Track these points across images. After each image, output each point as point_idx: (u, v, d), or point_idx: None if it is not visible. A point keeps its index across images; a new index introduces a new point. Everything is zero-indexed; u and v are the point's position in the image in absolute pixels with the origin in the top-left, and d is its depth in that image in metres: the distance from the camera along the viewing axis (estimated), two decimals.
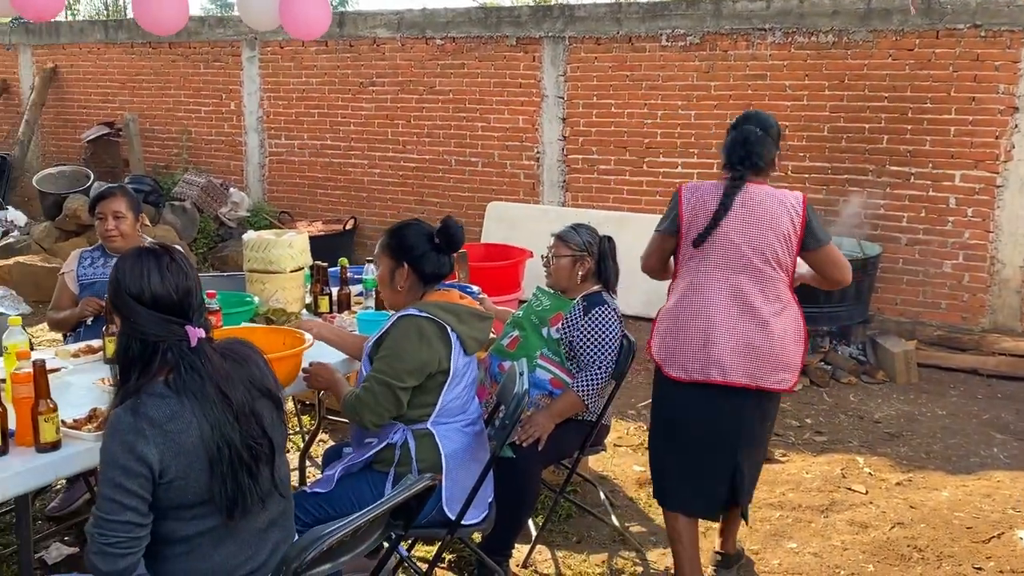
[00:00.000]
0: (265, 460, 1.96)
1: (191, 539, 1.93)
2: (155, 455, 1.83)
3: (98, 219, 3.72)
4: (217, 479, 1.88)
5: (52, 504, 3.70)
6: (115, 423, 1.86)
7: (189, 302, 1.98)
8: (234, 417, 1.91)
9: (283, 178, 9.13)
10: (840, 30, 6.47)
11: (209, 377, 1.91)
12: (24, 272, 7.33)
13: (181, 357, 1.91)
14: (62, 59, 10.31)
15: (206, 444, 1.87)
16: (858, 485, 4.10)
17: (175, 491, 1.87)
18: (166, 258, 1.99)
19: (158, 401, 1.87)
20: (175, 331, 1.93)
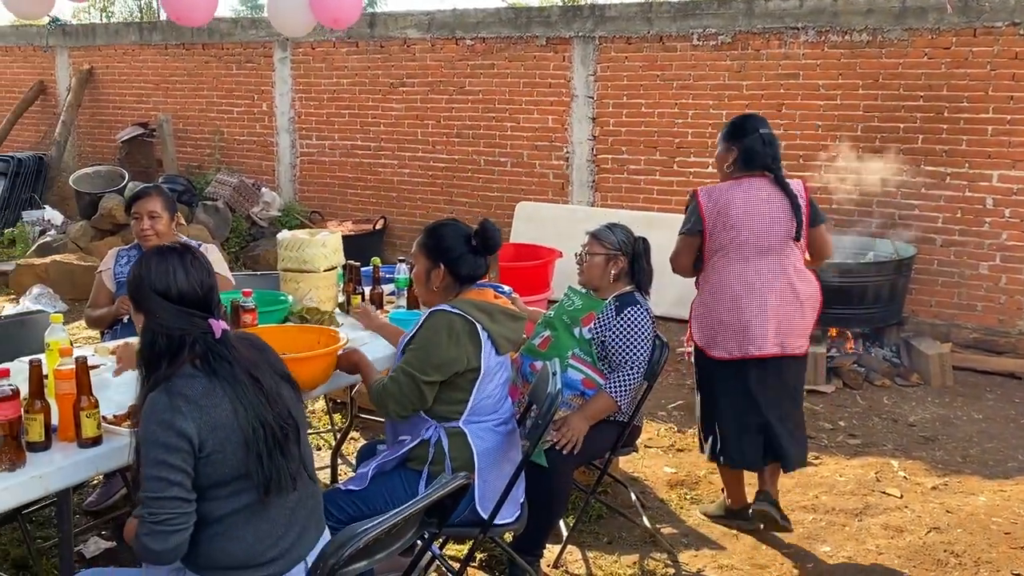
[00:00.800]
0: (293, 440, 2.05)
1: (225, 519, 1.99)
2: (193, 428, 1.91)
3: (134, 219, 3.77)
4: (254, 458, 1.95)
5: (90, 499, 3.75)
6: (151, 405, 1.93)
7: (212, 297, 2.08)
8: (266, 398, 2.00)
9: (314, 178, 9.21)
10: (875, 29, 6.40)
11: (238, 363, 2.01)
12: (61, 270, 7.45)
13: (209, 348, 2.00)
14: (98, 60, 10.47)
15: (241, 424, 1.95)
16: (892, 489, 4.06)
17: (213, 466, 1.93)
18: (189, 256, 2.08)
19: (189, 380, 1.96)
20: (199, 324, 2.02)
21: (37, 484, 2.16)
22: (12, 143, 10.96)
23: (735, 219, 3.33)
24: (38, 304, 6.74)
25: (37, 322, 3.67)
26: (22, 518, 3.16)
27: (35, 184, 10.06)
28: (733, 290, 3.37)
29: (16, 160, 9.96)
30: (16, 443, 2.16)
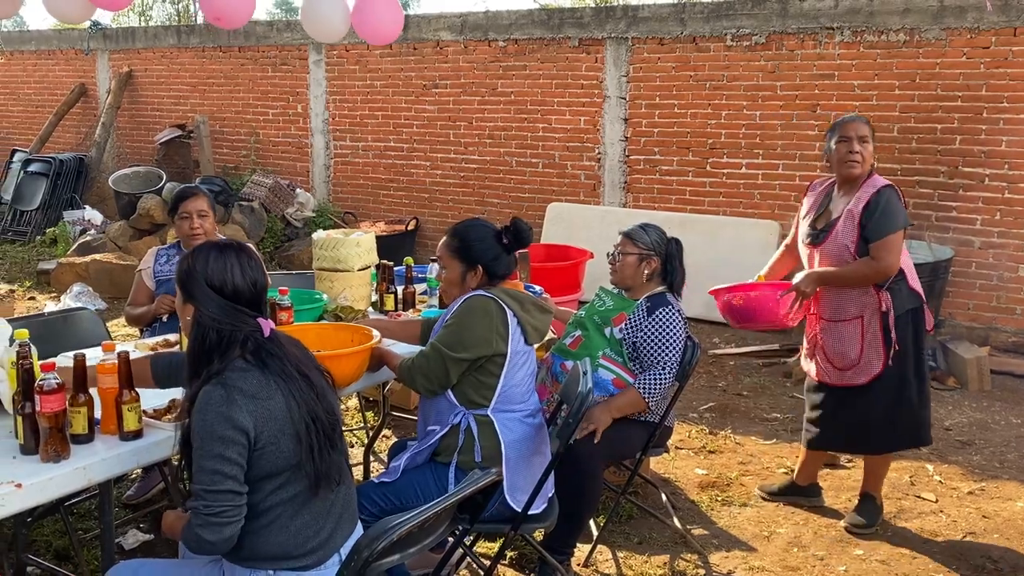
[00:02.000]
0: (339, 435, 2.11)
1: (271, 511, 2.03)
2: (250, 421, 1.95)
3: (181, 218, 3.83)
4: (306, 452, 2.00)
5: (129, 492, 3.83)
6: (206, 398, 1.96)
7: (263, 297, 2.12)
8: (316, 394, 2.04)
9: (347, 179, 9.30)
10: (912, 28, 6.33)
11: (288, 359, 2.05)
12: (100, 269, 7.60)
13: (259, 345, 2.04)
14: (137, 63, 10.66)
15: (293, 418, 1.99)
16: (927, 493, 4.01)
17: (266, 458, 1.98)
18: (245, 255, 2.12)
19: (244, 374, 2.00)
20: (249, 322, 2.06)
21: (81, 475, 2.22)
22: (54, 144, 11.20)
23: None
24: (78, 302, 6.87)
25: (80, 319, 3.76)
26: (64, 510, 3.23)
27: (76, 184, 10.27)
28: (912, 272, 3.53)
29: (58, 161, 10.17)
30: (61, 435, 2.22)
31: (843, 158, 3.44)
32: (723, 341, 6.49)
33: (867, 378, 3.47)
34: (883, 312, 3.42)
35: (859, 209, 3.38)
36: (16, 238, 9.88)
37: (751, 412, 5.10)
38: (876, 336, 3.44)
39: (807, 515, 3.81)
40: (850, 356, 3.49)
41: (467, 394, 2.80)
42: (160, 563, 2.37)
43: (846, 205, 3.45)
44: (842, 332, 3.50)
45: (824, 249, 3.49)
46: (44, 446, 2.21)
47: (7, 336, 2.59)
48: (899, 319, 3.43)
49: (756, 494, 3.98)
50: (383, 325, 3.31)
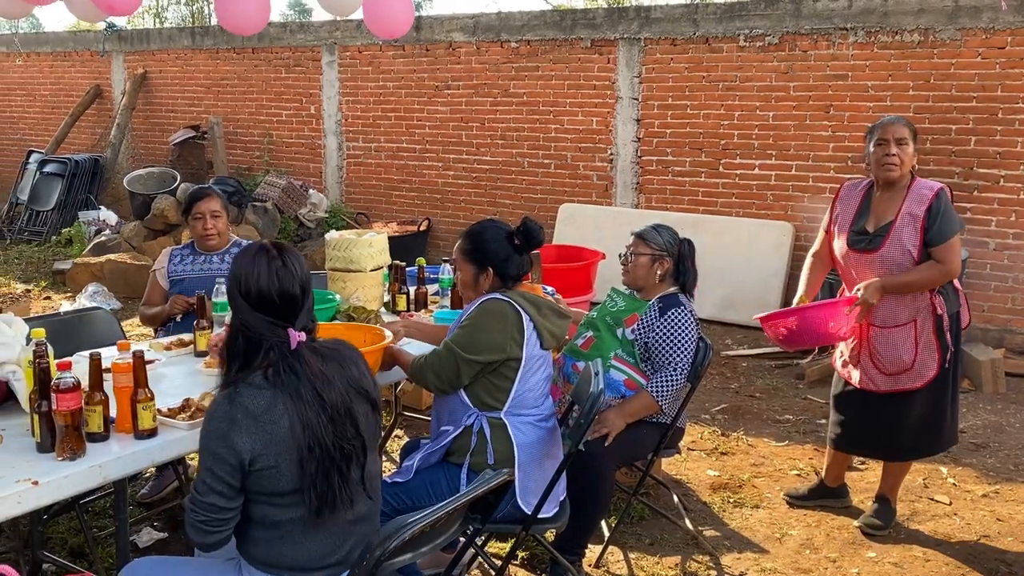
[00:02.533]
0: (356, 461, 2.01)
1: (282, 524, 2.00)
2: (247, 444, 1.91)
3: (195, 219, 3.86)
4: (307, 477, 1.94)
5: (143, 491, 3.86)
6: (213, 410, 1.96)
7: (292, 306, 2.02)
8: (328, 418, 1.95)
9: (360, 180, 9.33)
10: (926, 29, 6.30)
11: (306, 378, 1.96)
12: (115, 269, 7.65)
13: (281, 357, 1.97)
14: (151, 65, 10.73)
15: (297, 441, 1.93)
16: (941, 496, 3.99)
17: (267, 479, 1.95)
18: (277, 261, 2.03)
19: (255, 392, 1.95)
20: (276, 332, 1.99)
21: (96, 473, 2.24)
22: (69, 145, 11.28)
23: None
24: (93, 301, 6.92)
25: (94, 318, 3.79)
26: (79, 508, 3.26)
27: (91, 185, 10.35)
28: None
29: (73, 162, 10.25)
30: (77, 433, 2.24)
31: (880, 161, 3.37)
32: (735, 342, 6.47)
33: (922, 382, 3.42)
34: (937, 315, 3.38)
35: (922, 212, 3.31)
36: (32, 238, 9.96)
37: (763, 414, 5.09)
38: (930, 340, 3.39)
39: (819, 517, 3.79)
40: (904, 361, 3.41)
41: (480, 396, 2.80)
42: (175, 561, 2.39)
43: (901, 208, 3.36)
44: (895, 337, 3.42)
45: (882, 255, 3.38)
46: (60, 444, 2.23)
47: (24, 335, 2.62)
48: (951, 320, 3.42)
49: (783, 499, 3.93)
50: (420, 327, 3.33)
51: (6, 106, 12.34)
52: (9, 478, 2.12)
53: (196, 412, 2.55)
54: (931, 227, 3.30)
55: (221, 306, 3.41)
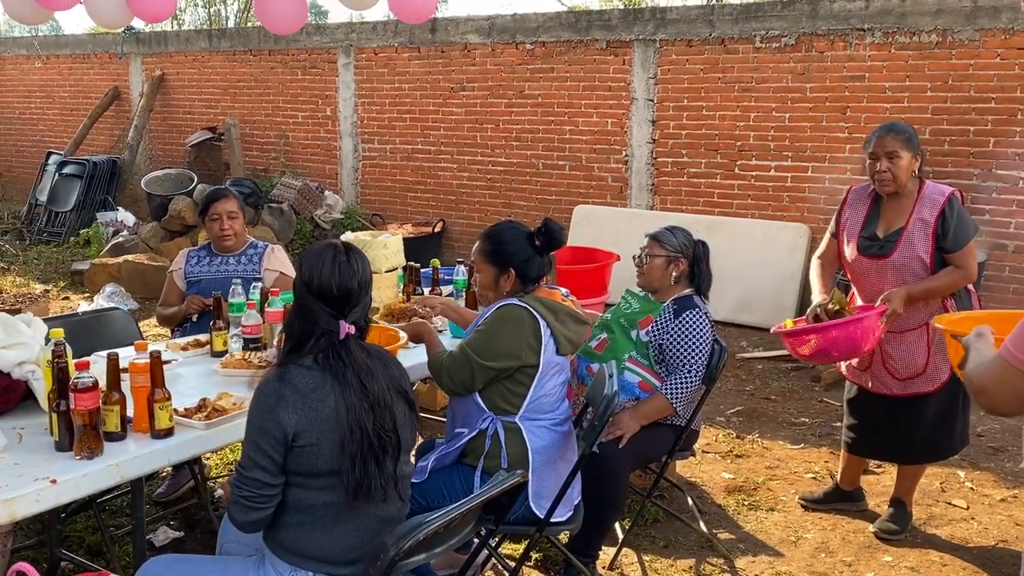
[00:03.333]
0: (391, 453, 2.11)
1: (315, 509, 2.07)
2: (292, 419, 2.01)
3: (211, 220, 3.88)
4: (347, 459, 2.03)
5: (159, 490, 3.88)
6: (262, 387, 2.06)
7: (348, 300, 2.15)
8: (369, 405, 2.07)
9: (375, 181, 9.36)
10: (944, 29, 6.26)
11: (352, 366, 2.09)
12: (132, 270, 7.71)
13: (330, 344, 2.10)
14: (169, 67, 10.80)
15: (340, 422, 2.03)
16: (958, 500, 3.96)
17: (307, 456, 2.02)
18: (342, 256, 2.18)
19: (304, 372, 2.07)
20: (328, 321, 2.12)
21: (113, 472, 2.26)
22: (88, 147, 11.38)
23: None
24: (111, 302, 6.98)
25: (112, 319, 3.83)
26: (97, 506, 3.29)
27: (109, 186, 10.43)
28: None
29: (91, 163, 10.34)
30: (95, 432, 2.26)
31: (873, 176, 3.36)
32: (751, 345, 6.44)
33: (935, 386, 3.39)
34: None
35: (933, 217, 3.28)
36: (51, 239, 10.05)
37: (779, 416, 5.06)
38: (943, 342, 3.32)
39: (835, 520, 3.77)
40: (917, 364, 3.39)
41: (495, 401, 2.80)
42: (194, 558, 2.41)
43: (912, 214, 3.33)
44: (908, 341, 3.39)
45: (893, 261, 3.34)
46: (78, 443, 2.26)
47: (43, 335, 2.64)
48: None
49: (798, 503, 3.90)
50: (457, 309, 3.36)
51: (26, 108, 12.47)
52: (28, 476, 2.15)
53: (212, 412, 2.56)
54: (946, 233, 3.27)
55: (237, 306, 3.43)
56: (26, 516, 2.15)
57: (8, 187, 11.84)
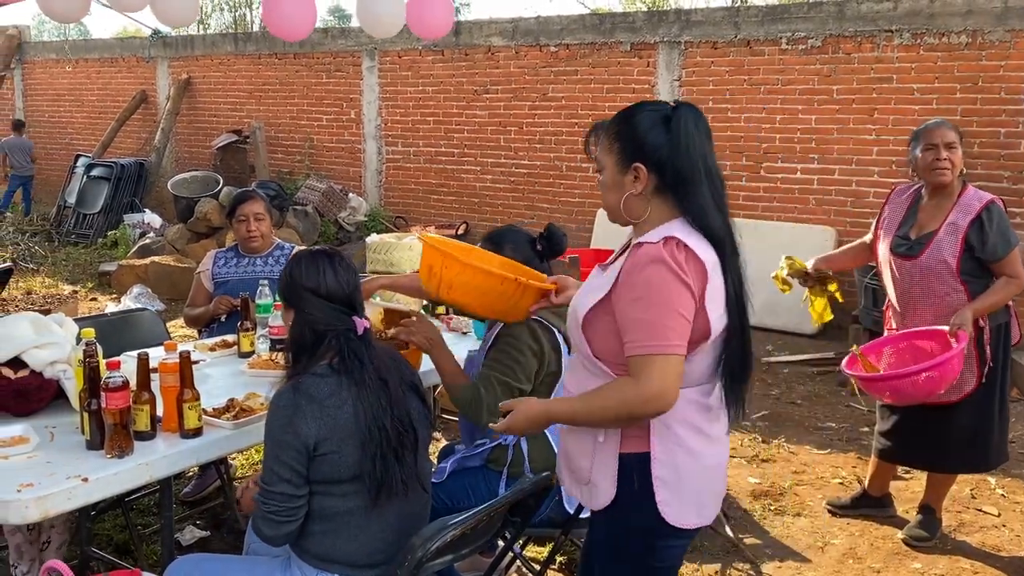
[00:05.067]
0: (410, 447, 2.12)
1: (340, 516, 2.07)
2: (312, 429, 2.01)
3: (239, 221, 3.91)
4: (368, 458, 2.03)
5: (186, 489, 3.91)
6: (277, 400, 2.05)
7: (356, 296, 2.21)
8: (388, 402, 2.08)
9: (399, 184, 9.39)
10: (974, 30, 6.18)
11: (370, 362, 2.10)
12: (159, 271, 7.78)
13: (347, 343, 2.11)
14: (195, 70, 10.91)
15: (359, 425, 2.03)
16: (989, 507, 3.90)
17: (329, 464, 2.02)
18: (338, 258, 2.23)
19: (319, 380, 2.06)
20: (344, 320, 2.14)
21: (143, 471, 2.28)
22: (115, 150, 11.51)
23: None
24: (138, 303, 7.05)
25: (140, 319, 3.86)
26: (125, 505, 3.32)
27: (136, 188, 10.54)
28: None
29: (119, 166, 10.45)
30: (125, 432, 2.28)
31: (931, 166, 3.29)
32: (776, 349, 6.39)
33: (959, 396, 3.31)
34: (979, 327, 3.28)
35: (966, 223, 3.23)
36: (79, 240, 10.17)
37: (805, 421, 5.02)
38: (971, 353, 3.26)
39: (863, 526, 3.73)
40: None
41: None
42: (222, 558, 2.42)
43: (946, 217, 3.29)
44: None
45: (920, 262, 3.31)
46: (109, 442, 2.28)
47: (74, 335, 2.67)
48: (992, 333, 3.32)
49: (825, 508, 3.87)
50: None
51: (55, 111, 12.64)
52: (60, 475, 2.17)
53: (240, 412, 2.58)
54: (984, 243, 3.22)
55: (264, 307, 3.45)
56: (59, 513, 2.18)
57: (38, 189, 12.00)
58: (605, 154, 1.96)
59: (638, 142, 1.87)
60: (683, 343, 1.81)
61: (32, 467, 2.22)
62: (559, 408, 1.95)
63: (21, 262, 9.01)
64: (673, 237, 1.82)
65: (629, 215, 1.92)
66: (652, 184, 1.88)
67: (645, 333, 1.79)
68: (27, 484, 2.10)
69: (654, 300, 1.78)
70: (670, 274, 1.78)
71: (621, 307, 1.83)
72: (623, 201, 1.92)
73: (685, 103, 1.90)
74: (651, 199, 1.90)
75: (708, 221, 1.86)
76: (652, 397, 1.79)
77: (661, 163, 1.85)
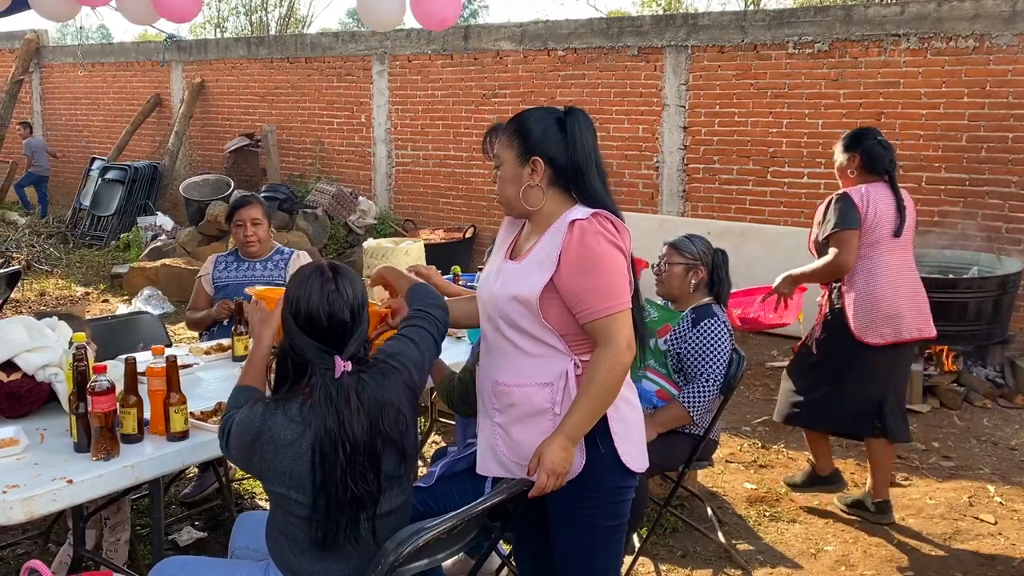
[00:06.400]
0: (367, 507, 1.95)
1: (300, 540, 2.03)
2: (258, 465, 1.98)
3: (236, 226, 3.96)
4: (317, 512, 1.94)
5: (186, 491, 3.96)
6: (246, 415, 1.97)
7: (341, 331, 1.96)
8: (347, 460, 1.90)
9: (408, 187, 9.43)
10: (981, 35, 6.14)
11: (337, 412, 1.91)
12: (169, 274, 7.86)
13: (322, 386, 1.92)
14: (209, 74, 11.00)
15: (313, 479, 1.91)
16: (986, 515, 3.88)
17: (281, 500, 1.99)
18: (331, 284, 1.97)
19: (285, 423, 1.92)
20: (324, 360, 1.94)
21: (129, 473, 2.31)
22: (130, 153, 11.63)
23: (881, 216, 3.55)
24: (148, 305, 7.13)
25: (140, 322, 3.91)
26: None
27: (150, 191, 10.65)
28: (889, 279, 3.59)
29: (133, 168, 10.57)
30: (111, 434, 2.32)
31: None
32: (782, 354, 6.36)
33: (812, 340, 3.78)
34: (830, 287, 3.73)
35: (823, 206, 3.69)
36: (93, 242, 10.29)
37: None
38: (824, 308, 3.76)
39: (856, 533, 3.72)
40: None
41: None
42: (205, 560, 2.44)
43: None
44: None
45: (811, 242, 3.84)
46: (95, 444, 2.31)
47: (67, 339, 2.72)
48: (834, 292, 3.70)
49: (782, 483, 4.15)
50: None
51: (72, 115, 12.79)
52: (46, 476, 2.21)
53: None
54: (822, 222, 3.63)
55: None
56: (43, 514, 2.22)
57: (54, 192, 12.15)
58: (505, 150, 2.16)
59: (535, 139, 2.10)
60: (629, 298, 2.08)
61: (20, 468, 2.26)
62: (571, 422, 2.05)
63: (36, 264, 9.13)
64: (599, 211, 2.06)
65: (527, 204, 2.13)
66: (547, 176, 2.11)
67: (602, 297, 2.02)
68: (12, 485, 2.14)
69: (602, 266, 2.03)
70: (607, 242, 2.04)
71: (571, 282, 2.03)
72: (522, 191, 2.13)
73: (575, 108, 2.19)
74: (546, 190, 2.12)
75: (604, 203, 2.10)
76: (627, 348, 2.04)
77: (556, 157, 2.10)
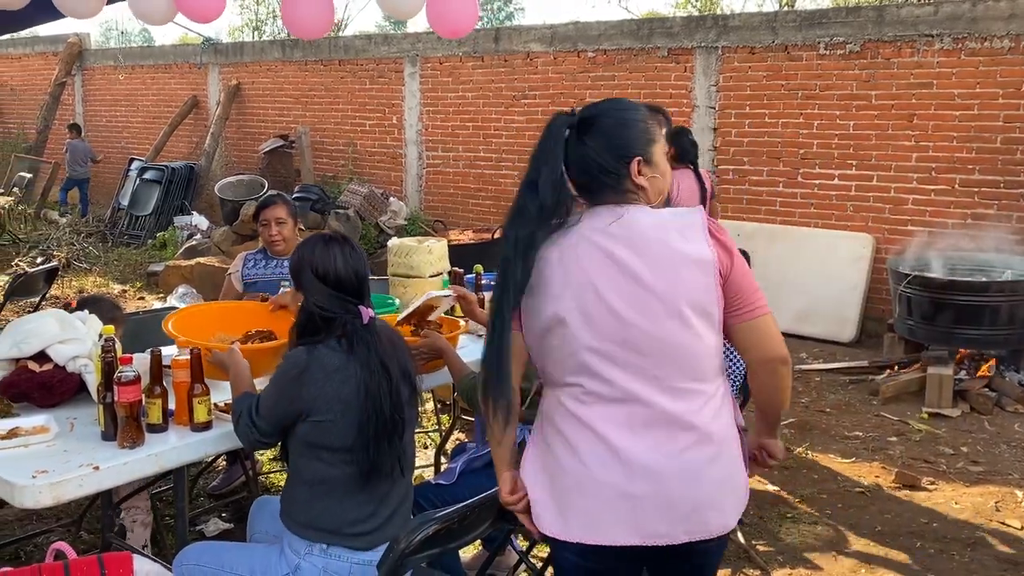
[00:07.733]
0: (399, 432, 2.24)
1: (326, 482, 2.22)
2: (311, 394, 2.16)
3: (262, 225, 4.04)
4: (363, 438, 2.16)
5: (214, 483, 4.04)
6: (289, 355, 2.22)
7: (364, 286, 2.29)
8: (388, 389, 2.19)
9: (438, 188, 9.50)
10: (1017, 35, 6.05)
11: (375, 350, 2.21)
12: (204, 272, 8.00)
13: (354, 331, 2.22)
14: (244, 76, 11.18)
15: (360, 404, 2.17)
16: (1013, 520, 3.83)
17: (321, 431, 2.17)
18: (348, 246, 2.31)
19: (329, 352, 2.20)
20: (350, 309, 2.24)
21: (153, 461, 2.38)
22: (167, 154, 11.85)
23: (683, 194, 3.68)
24: (182, 303, 7.25)
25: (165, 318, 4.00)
26: (152, 496, 3.44)
27: (186, 191, 10.85)
28: None
29: (170, 169, 10.77)
30: (136, 424, 2.39)
31: None
32: (811, 356, 6.32)
33: None
34: None
35: None
36: (131, 241, 10.50)
37: (832, 429, 4.97)
38: None
39: (878, 535, 3.69)
40: None
41: (527, 415, 2.82)
42: (224, 545, 2.53)
43: None
44: None
45: None
46: (121, 433, 2.38)
47: (97, 331, 2.80)
48: None
49: None
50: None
51: (112, 116, 13.06)
52: (74, 462, 2.28)
53: None
54: None
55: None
56: (71, 499, 2.29)
57: (95, 191, 12.41)
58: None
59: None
60: None
61: (50, 455, 2.34)
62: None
63: (75, 262, 9.34)
64: None
65: None
66: None
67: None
68: (42, 471, 2.22)
69: None
70: None
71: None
72: None
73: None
74: None
75: None
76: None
77: None
